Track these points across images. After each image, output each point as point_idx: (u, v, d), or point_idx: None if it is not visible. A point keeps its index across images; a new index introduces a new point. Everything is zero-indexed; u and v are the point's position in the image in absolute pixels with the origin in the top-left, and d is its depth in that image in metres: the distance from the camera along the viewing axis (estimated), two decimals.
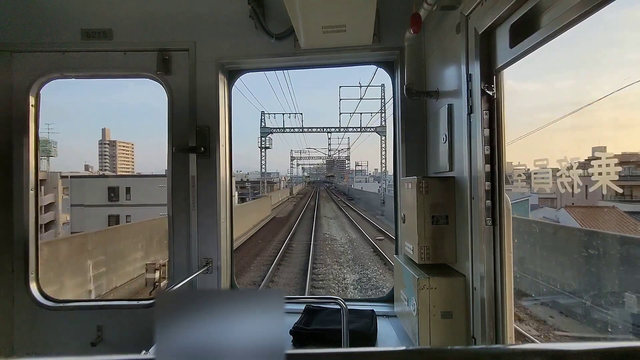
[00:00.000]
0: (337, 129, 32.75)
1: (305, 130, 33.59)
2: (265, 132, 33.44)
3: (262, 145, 36.37)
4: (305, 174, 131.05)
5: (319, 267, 11.99)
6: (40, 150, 2.47)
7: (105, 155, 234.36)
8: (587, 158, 1.17)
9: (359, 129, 31.65)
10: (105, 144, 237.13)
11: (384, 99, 30.02)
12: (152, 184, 26.22)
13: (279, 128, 32.69)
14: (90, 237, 10.76)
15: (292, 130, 32.69)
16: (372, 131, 30.89)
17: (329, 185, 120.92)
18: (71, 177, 31.44)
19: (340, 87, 31.49)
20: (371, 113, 31.27)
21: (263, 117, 32.76)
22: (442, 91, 1.84)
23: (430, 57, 2.02)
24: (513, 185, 1.46)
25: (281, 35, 2.19)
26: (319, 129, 33.79)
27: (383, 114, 30.14)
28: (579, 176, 1.20)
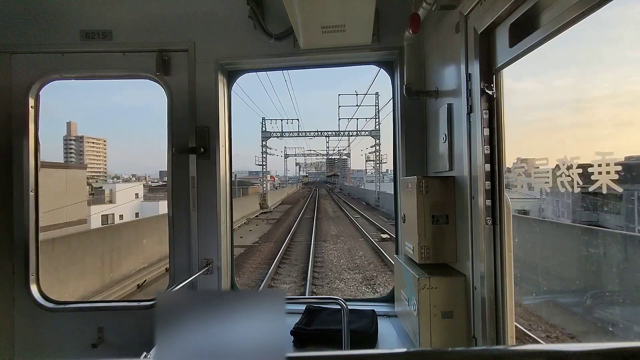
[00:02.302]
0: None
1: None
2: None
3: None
4: (303, 173, 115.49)
5: None
6: None
7: (71, 152, 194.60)
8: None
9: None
10: (70, 140, 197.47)
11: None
12: None
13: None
14: None
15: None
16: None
17: (331, 186, 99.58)
18: None
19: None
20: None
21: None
22: (441, 91, 1.84)
23: (430, 57, 2.02)
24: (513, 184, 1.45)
25: (280, 36, 2.19)
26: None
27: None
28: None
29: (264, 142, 34.77)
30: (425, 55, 2.08)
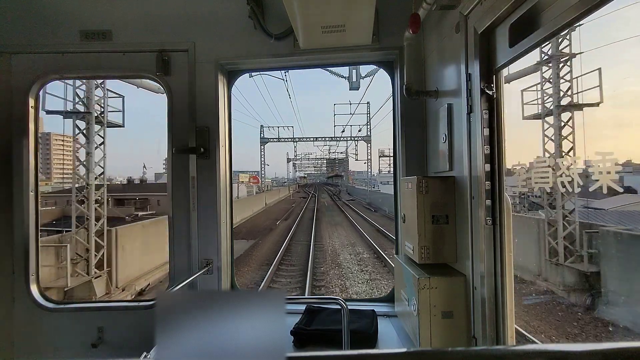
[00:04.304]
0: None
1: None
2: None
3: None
4: (301, 174, 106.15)
5: None
6: None
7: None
8: None
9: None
10: None
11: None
12: None
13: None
14: None
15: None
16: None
17: (334, 189, 78.43)
18: None
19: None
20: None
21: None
22: (441, 91, 1.84)
23: (430, 57, 2.02)
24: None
25: (280, 35, 2.19)
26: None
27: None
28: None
29: None
30: (425, 55, 2.08)
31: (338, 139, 38.68)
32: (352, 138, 38.56)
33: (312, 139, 40.60)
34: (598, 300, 8.20)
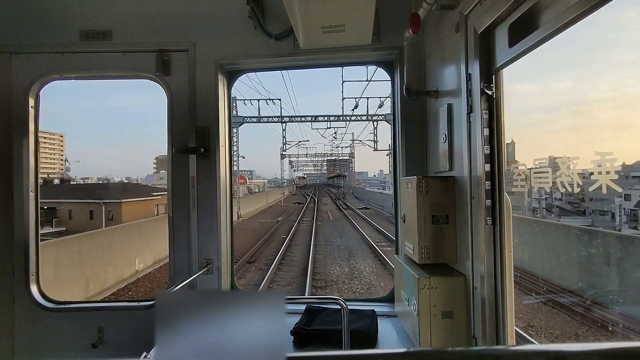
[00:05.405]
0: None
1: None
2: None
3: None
4: (299, 174, 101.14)
5: None
6: None
7: None
8: None
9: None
10: None
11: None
12: None
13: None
14: None
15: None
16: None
17: (336, 191, 68.67)
18: None
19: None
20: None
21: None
22: (441, 91, 1.84)
23: (430, 57, 2.02)
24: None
25: (280, 36, 2.19)
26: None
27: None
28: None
29: None
30: (425, 55, 2.08)
31: (348, 117, 24.27)
32: (369, 117, 24.27)
33: (310, 118, 25.51)
34: None
